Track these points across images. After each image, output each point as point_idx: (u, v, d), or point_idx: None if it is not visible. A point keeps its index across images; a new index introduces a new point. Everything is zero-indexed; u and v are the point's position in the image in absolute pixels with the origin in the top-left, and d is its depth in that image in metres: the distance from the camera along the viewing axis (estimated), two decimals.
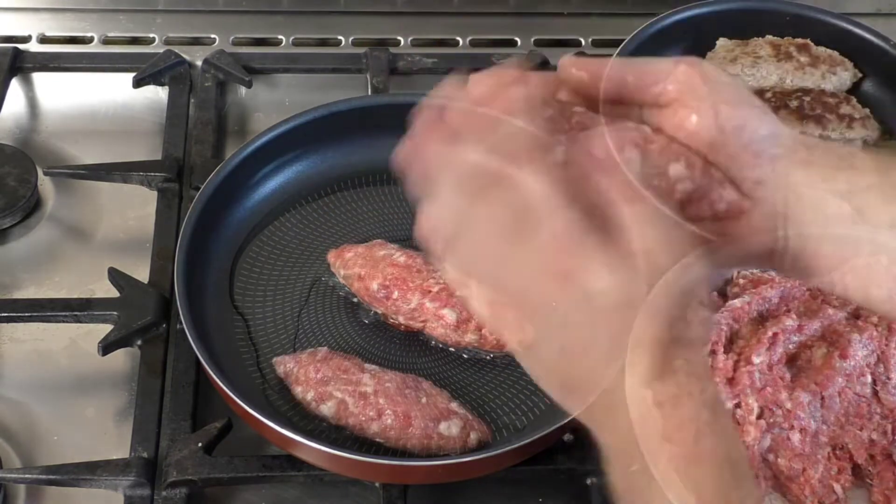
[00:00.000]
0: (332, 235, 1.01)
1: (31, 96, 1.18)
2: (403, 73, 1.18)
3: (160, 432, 0.87)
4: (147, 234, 1.02)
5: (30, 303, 0.96)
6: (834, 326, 0.91)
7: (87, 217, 1.07)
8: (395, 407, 0.83)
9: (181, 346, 0.90)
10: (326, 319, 0.94)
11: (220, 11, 1.26)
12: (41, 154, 1.11)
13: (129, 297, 0.94)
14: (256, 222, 1.01)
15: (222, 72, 1.16)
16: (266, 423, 0.80)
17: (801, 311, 0.92)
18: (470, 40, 1.26)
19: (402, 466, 0.81)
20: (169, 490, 0.83)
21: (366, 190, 1.05)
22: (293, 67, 1.20)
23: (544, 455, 0.85)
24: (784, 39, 1.19)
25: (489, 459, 0.81)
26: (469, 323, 0.90)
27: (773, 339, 0.88)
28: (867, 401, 0.88)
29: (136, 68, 1.15)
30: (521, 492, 0.87)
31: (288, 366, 0.87)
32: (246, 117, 1.18)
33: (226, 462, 0.84)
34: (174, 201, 1.04)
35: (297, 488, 0.86)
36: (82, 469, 0.83)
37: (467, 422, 0.84)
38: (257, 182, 1.02)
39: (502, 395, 0.89)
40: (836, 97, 1.13)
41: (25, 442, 0.88)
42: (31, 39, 1.22)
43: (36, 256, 1.03)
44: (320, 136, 1.04)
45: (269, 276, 0.97)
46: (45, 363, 0.95)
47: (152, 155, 1.09)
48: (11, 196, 1.04)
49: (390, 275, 0.92)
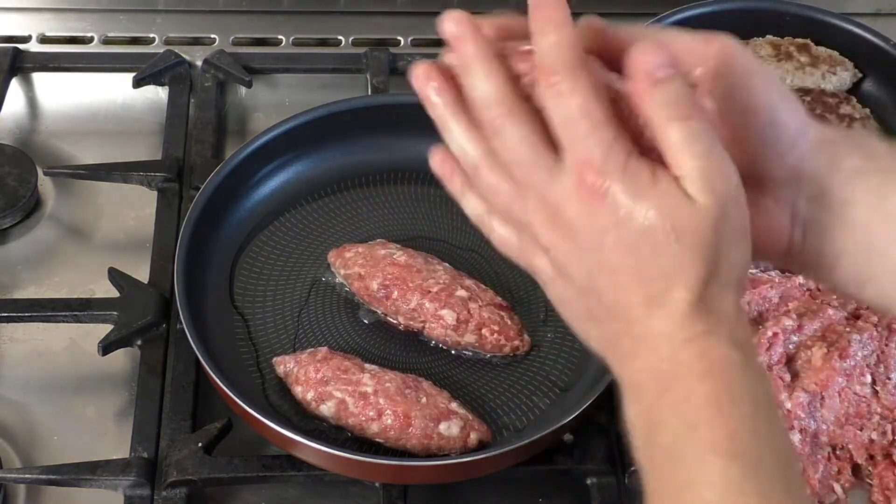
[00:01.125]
0: (332, 235, 1.01)
1: (31, 96, 1.18)
2: (403, 73, 1.18)
3: (160, 432, 0.87)
4: (147, 234, 1.02)
5: (30, 303, 0.96)
6: (833, 326, 0.91)
7: (87, 217, 1.07)
8: (395, 407, 0.83)
9: (181, 346, 0.90)
10: (326, 319, 0.94)
11: (220, 11, 1.26)
12: (41, 154, 1.11)
13: (129, 297, 0.94)
14: (256, 222, 1.01)
15: (222, 72, 1.16)
16: (266, 423, 0.80)
17: (801, 311, 0.92)
18: None
19: (402, 466, 0.81)
20: (169, 490, 0.83)
21: (366, 190, 1.05)
22: (293, 67, 1.20)
23: (544, 455, 0.85)
24: (784, 39, 1.19)
25: (489, 459, 0.81)
26: (468, 323, 0.90)
27: (772, 339, 0.88)
28: (867, 401, 0.88)
29: (136, 68, 1.15)
30: (521, 492, 0.87)
31: (288, 366, 0.87)
32: (246, 117, 1.18)
33: (226, 462, 0.84)
34: (174, 201, 1.04)
35: (297, 488, 0.86)
36: (82, 469, 0.83)
37: (467, 422, 0.84)
38: (257, 182, 1.02)
39: (502, 395, 0.89)
40: (836, 97, 1.13)
41: (25, 442, 0.88)
42: (31, 39, 1.22)
43: (36, 256, 1.03)
44: (320, 136, 1.04)
45: (269, 276, 0.97)
46: (45, 363, 0.95)
47: (152, 155, 1.09)
48: (11, 196, 1.04)
49: (390, 274, 0.92)
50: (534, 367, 0.92)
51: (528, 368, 0.91)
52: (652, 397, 0.52)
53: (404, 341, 0.92)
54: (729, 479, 0.49)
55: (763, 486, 0.49)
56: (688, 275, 0.51)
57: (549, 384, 0.90)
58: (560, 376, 0.91)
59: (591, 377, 0.89)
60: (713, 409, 0.50)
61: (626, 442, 0.86)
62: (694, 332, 0.51)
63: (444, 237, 1.01)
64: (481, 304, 0.91)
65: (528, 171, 0.53)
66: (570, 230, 0.53)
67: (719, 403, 0.50)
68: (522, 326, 0.92)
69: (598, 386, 0.84)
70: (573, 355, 0.92)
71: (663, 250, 0.51)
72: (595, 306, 0.54)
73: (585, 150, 0.51)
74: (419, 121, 1.12)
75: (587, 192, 0.51)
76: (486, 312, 0.90)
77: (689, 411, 0.50)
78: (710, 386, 0.50)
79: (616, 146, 0.51)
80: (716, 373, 0.51)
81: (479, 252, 0.99)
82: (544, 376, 0.91)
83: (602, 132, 0.51)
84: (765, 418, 0.51)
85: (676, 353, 0.51)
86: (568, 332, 0.92)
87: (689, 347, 0.51)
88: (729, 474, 0.49)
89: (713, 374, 0.51)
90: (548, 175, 0.53)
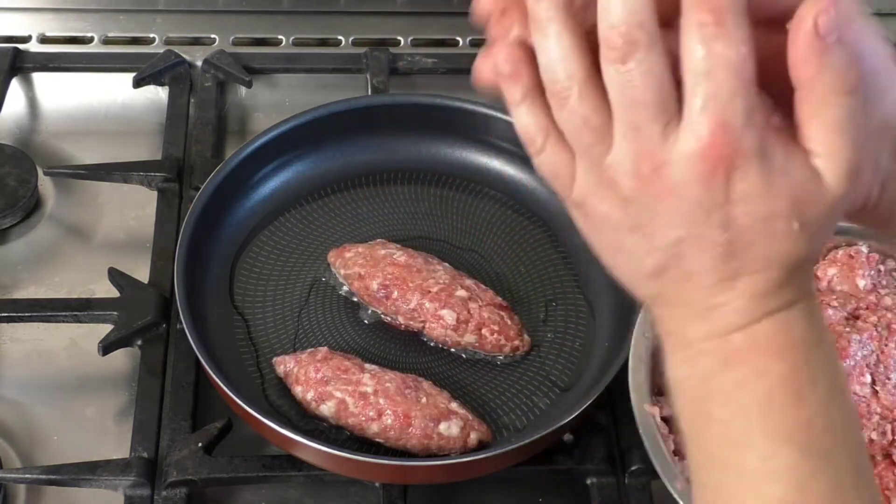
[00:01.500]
0: (332, 235, 1.01)
1: (31, 96, 1.17)
2: (403, 73, 1.18)
3: (160, 432, 0.87)
4: (147, 234, 1.02)
5: (30, 303, 0.96)
6: (833, 326, 0.90)
7: (87, 217, 1.07)
8: (395, 407, 0.83)
9: (181, 346, 0.90)
10: (326, 319, 0.94)
11: (220, 11, 1.26)
12: (41, 154, 1.11)
13: (129, 297, 0.94)
14: (256, 222, 1.01)
15: (222, 72, 1.16)
16: (266, 423, 0.80)
17: None
18: (470, 40, 1.25)
19: (402, 466, 0.81)
20: (169, 490, 0.83)
21: (366, 190, 1.05)
22: (293, 67, 1.20)
23: (544, 455, 0.85)
24: None
25: (489, 459, 0.81)
26: (468, 324, 0.90)
27: None
28: (867, 401, 0.88)
29: (136, 68, 1.15)
30: (521, 492, 0.87)
31: (288, 366, 0.87)
32: (246, 117, 1.18)
33: (226, 462, 0.84)
34: (174, 201, 1.04)
35: (297, 488, 0.86)
36: (82, 469, 0.83)
37: (467, 422, 0.84)
38: (257, 182, 1.02)
39: (502, 395, 0.90)
40: None
41: (25, 442, 0.88)
42: (31, 39, 1.22)
43: (36, 256, 1.03)
44: (320, 136, 1.04)
45: (269, 276, 0.97)
46: (45, 363, 0.95)
47: (152, 155, 1.09)
48: (11, 196, 1.04)
49: (390, 274, 0.92)
50: (534, 367, 0.92)
51: (528, 368, 0.91)
52: (715, 366, 0.48)
53: (404, 341, 0.92)
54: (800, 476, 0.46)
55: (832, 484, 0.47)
56: (792, 257, 0.47)
57: (549, 384, 0.90)
58: (560, 376, 0.91)
59: (591, 377, 0.89)
60: (790, 391, 0.47)
61: (625, 442, 0.87)
62: (776, 305, 0.47)
63: (444, 237, 1.01)
64: (481, 304, 0.91)
65: (643, 115, 0.45)
66: (669, 192, 0.46)
67: (797, 386, 0.47)
68: (522, 326, 0.92)
69: (598, 386, 0.84)
70: (573, 355, 0.92)
71: (778, 237, 0.46)
72: (668, 267, 0.49)
73: (726, 112, 0.44)
74: (419, 121, 1.13)
75: (712, 161, 0.44)
76: (486, 312, 0.90)
77: (762, 390, 0.47)
78: (788, 365, 0.47)
79: (757, 115, 0.44)
80: (796, 351, 0.47)
81: (479, 252, 1.00)
82: (544, 376, 0.91)
83: (749, 96, 0.44)
84: (839, 406, 0.48)
85: (753, 326, 0.47)
86: (568, 332, 0.94)
87: (768, 321, 0.47)
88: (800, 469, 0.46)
89: (793, 352, 0.47)
90: (663, 126, 0.45)
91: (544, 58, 0.47)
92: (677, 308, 0.50)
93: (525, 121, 0.50)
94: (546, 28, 0.47)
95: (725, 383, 0.48)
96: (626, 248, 0.50)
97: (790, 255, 0.47)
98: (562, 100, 0.47)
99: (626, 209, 0.48)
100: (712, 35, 0.43)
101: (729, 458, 0.48)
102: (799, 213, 0.46)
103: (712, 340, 0.48)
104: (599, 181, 0.48)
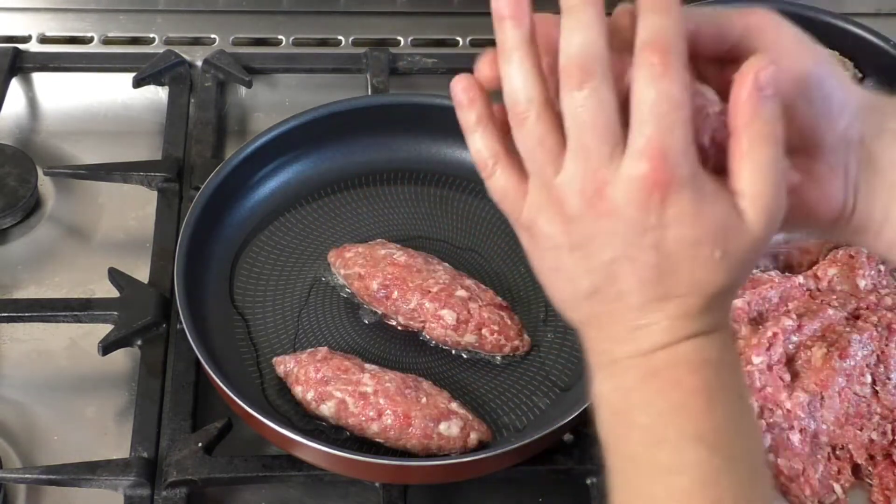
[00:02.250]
0: (332, 235, 1.01)
1: (31, 96, 1.18)
2: (403, 73, 1.18)
3: (160, 432, 0.87)
4: (147, 234, 1.02)
5: (30, 303, 0.96)
6: (833, 326, 0.91)
7: (87, 217, 1.07)
8: (395, 407, 0.83)
9: (181, 346, 0.90)
10: (326, 319, 0.94)
11: (220, 11, 1.26)
12: (41, 154, 1.11)
13: (129, 297, 0.94)
14: (256, 222, 1.01)
15: (222, 72, 1.16)
16: (266, 423, 0.80)
17: (801, 311, 0.92)
18: (470, 40, 1.26)
19: (402, 466, 0.81)
20: (169, 490, 0.83)
21: (366, 190, 1.05)
22: (293, 67, 1.20)
23: (544, 455, 0.85)
24: None
25: (489, 459, 0.81)
26: (468, 323, 0.90)
27: (772, 339, 0.88)
28: (867, 401, 0.88)
29: (136, 68, 1.15)
30: (521, 492, 0.87)
31: (288, 366, 0.87)
32: (246, 117, 1.18)
33: (226, 462, 0.84)
34: (174, 201, 1.04)
35: (297, 488, 0.86)
36: (82, 469, 0.83)
37: (467, 422, 0.84)
38: (257, 182, 1.02)
39: (502, 395, 0.90)
40: None
41: (25, 442, 0.89)
42: (31, 39, 1.22)
43: (36, 256, 1.03)
44: (320, 136, 1.04)
45: (269, 276, 0.97)
46: (45, 363, 0.95)
47: (152, 155, 1.09)
48: (11, 196, 1.04)
49: (390, 274, 0.92)
50: (534, 367, 0.92)
51: (528, 368, 0.91)
52: (638, 379, 0.53)
53: (404, 341, 0.92)
54: (707, 469, 0.51)
55: (735, 480, 0.51)
56: (713, 285, 0.52)
57: (549, 384, 0.90)
58: (560, 376, 0.91)
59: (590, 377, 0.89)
60: (703, 399, 0.52)
61: None
62: (697, 329, 0.52)
63: (444, 237, 1.01)
64: (481, 304, 0.91)
65: (593, 138, 0.50)
66: (610, 212, 0.51)
67: (709, 395, 0.52)
68: (522, 326, 0.92)
69: None
70: (573, 355, 0.92)
71: (703, 263, 0.51)
72: (602, 287, 0.53)
73: (666, 141, 0.49)
74: (419, 121, 1.13)
75: (650, 185, 0.49)
76: (486, 312, 0.90)
77: (678, 397, 0.52)
78: (702, 378, 0.52)
79: (692, 148, 0.50)
80: (710, 368, 0.52)
81: (479, 252, 1.00)
82: (544, 376, 0.91)
83: (687, 129, 0.49)
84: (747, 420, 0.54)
85: (675, 346, 0.52)
86: (568, 332, 0.94)
87: (688, 343, 0.52)
88: (708, 465, 0.51)
89: (707, 368, 0.52)
90: (611, 149, 0.50)
91: (507, 83, 0.52)
92: (607, 328, 0.54)
93: (478, 145, 0.55)
94: (511, 56, 0.52)
95: (647, 392, 0.53)
96: (565, 269, 0.54)
97: (711, 283, 0.52)
98: (521, 120, 0.52)
99: (569, 229, 0.52)
100: (659, 74, 0.49)
101: (645, 455, 0.53)
102: (723, 242, 0.51)
103: (637, 358, 0.53)
104: (548, 199, 0.53)
